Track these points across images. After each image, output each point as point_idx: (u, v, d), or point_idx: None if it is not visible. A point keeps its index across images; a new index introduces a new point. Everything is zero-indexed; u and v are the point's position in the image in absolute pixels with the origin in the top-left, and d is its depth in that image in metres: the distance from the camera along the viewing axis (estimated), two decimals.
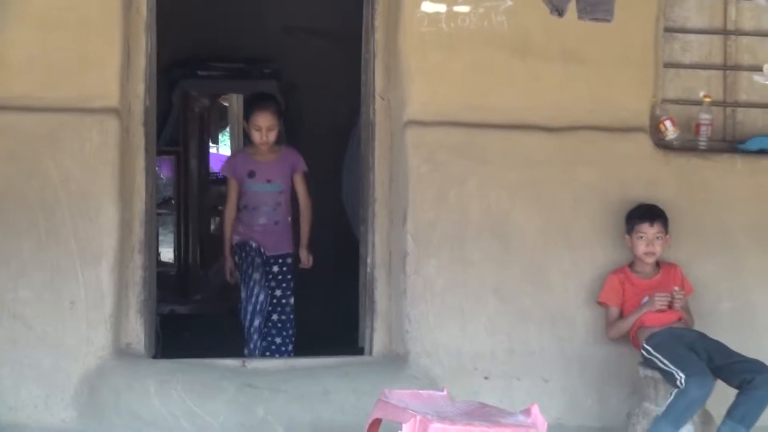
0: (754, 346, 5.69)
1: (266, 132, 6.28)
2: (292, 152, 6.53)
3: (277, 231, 6.43)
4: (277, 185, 6.40)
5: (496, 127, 5.80)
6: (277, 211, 6.42)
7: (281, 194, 6.42)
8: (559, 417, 5.69)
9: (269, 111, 6.32)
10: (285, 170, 6.42)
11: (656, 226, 5.69)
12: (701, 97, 6.17)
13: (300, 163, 6.46)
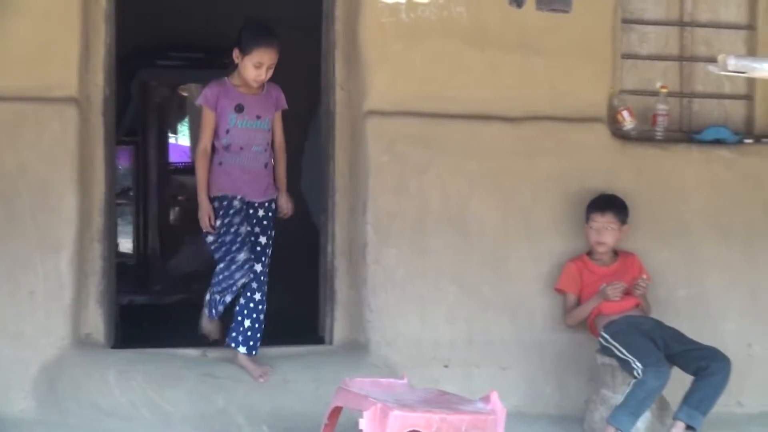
0: (710, 333, 5.77)
1: (266, 70, 5.55)
2: (274, 86, 5.74)
3: (266, 174, 5.68)
4: (266, 122, 5.64)
5: (455, 118, 5.84)
6: (268, 152, 5.67)
7: (269, 133, 5.67)
8: (518, 404, 5.74)
9: (275, 47, 5.55)
10: (270, 105, 5.70)
11: (607, 215, 5.75)
12: (658, 88, 6.24)
13: (282, 98, 5.74)
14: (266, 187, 5.67)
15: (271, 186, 5.69)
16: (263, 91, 5.66)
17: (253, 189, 5.60)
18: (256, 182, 5.61)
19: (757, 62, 3.34)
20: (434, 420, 4.54)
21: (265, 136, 5.62)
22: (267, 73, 5.56)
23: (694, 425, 5.35)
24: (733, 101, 6.47)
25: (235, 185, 5.57)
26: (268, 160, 5.66)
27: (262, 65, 5.53)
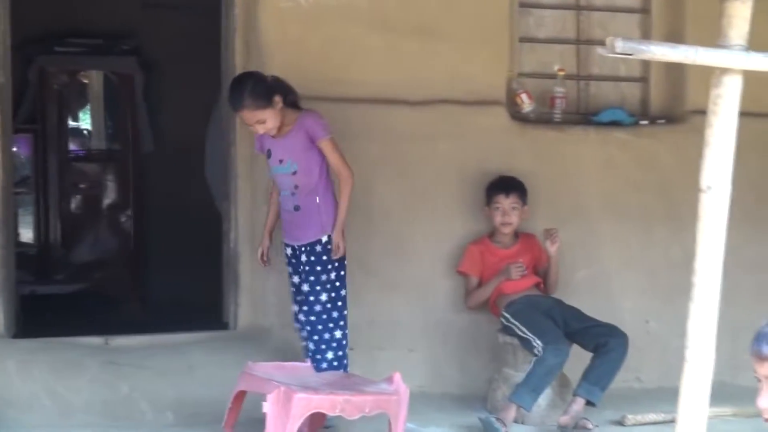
0: (609, 311, 5.88)
1: (257, 125, 5.21)
2: (306, 119, 5.25)
3: (299, 218, 5.29)
4: (288, 166, 5.27)
5: (356, 102, 5.86)
6: (296, 196, 5.27)
7: (295, 176, 5.25)
8: (422, 385, 5.80)
9: (240, 110, 5.23)
10: (298, 144, 5.24)
11: (512, 197, 5.84)
12: (555, 71, 6.34)
13: (316, 129, 5.23)
14: (300, 232, 5.30)
15: (308, 229, 5.28)
16: (291, 129, 5.25)
17: (289, 230, 5.35)
18: (292, 225, 5.33)
19: (644, 45, 3.42)
20: (338, 401, 4.58)
21: (291, 180, 5.26)
22: (259, 127, 5.21)
23: (593, 400, 5.46)
24: (629, 84, 6.60)
25: (284, 230, 5.40)
26: (300, 202, 5.27)
27: (248, 123, 5.26)
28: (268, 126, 5.20)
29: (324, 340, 5.24)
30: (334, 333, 5.25)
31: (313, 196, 5.26)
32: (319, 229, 5.26)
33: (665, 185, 6.25)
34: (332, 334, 5.25)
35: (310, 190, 5.26)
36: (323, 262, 5.25)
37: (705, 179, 3.69)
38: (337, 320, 5.27)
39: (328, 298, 5.25)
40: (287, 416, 4.42)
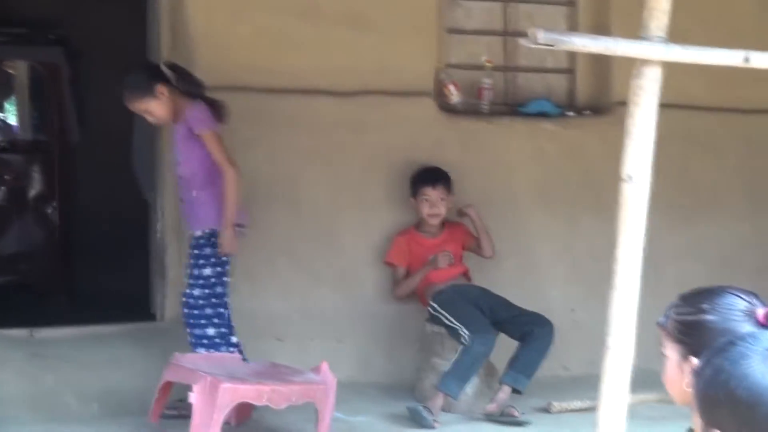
0: (535, 300, 5.94)
1: (147, 115, 5.23)
2: (190, 110, 5.14)
3: (183, 209, 5.33)
4: (175, 155, 5.30)
5: (284, 92, 5.86)
6: (182, 188, 5.29)
7: (179, 167, 5.25)
8: (351, 374, 5.80)
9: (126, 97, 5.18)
10: (180, 135, 5.20)
11: (439, 188, 5.86)
12: (483, 62, 6.38)
13: (196, 121, 5.11)
14: (186, 221, 5.34)
15: (193, 220, 5.23)
16: (181, 120, 5.18)
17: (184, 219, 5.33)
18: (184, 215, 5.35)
19: (565, 36, 3.47)
20: (264, 391, 4.59)
21: (178, 170, 5.27)
22: (147, 117, 5.22)
23: (519, 388, 5.52)
24: (556, 75, 6.66)
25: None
26: (182, 194, 5.28)
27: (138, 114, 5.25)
28: (155, 116, 5.17)
29: (195, 335, 5.16)
30: (206, 330, 5.15)
31: (191, 190, 5.21)
32: (195, 222, 5.19)
33: (591, 176, 6.32)
34: (204, 330, 5.15)
35: (190, 183, 5.21)
36: (197, 257, 5.17)
37: (626, 169, 3.75)
38: (211, 317, 5.16)
39: (201, 294, 5.15)
40: (213, 406, 4.41)
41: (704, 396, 1.72)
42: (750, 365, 1.66)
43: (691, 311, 2.14)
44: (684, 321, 2.14)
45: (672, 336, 2.16)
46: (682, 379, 2.14)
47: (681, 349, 2.14)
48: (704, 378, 1.73)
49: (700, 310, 2.13)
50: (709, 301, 2.15)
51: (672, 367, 2.17)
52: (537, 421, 5.51)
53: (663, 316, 2.21)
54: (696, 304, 2.16)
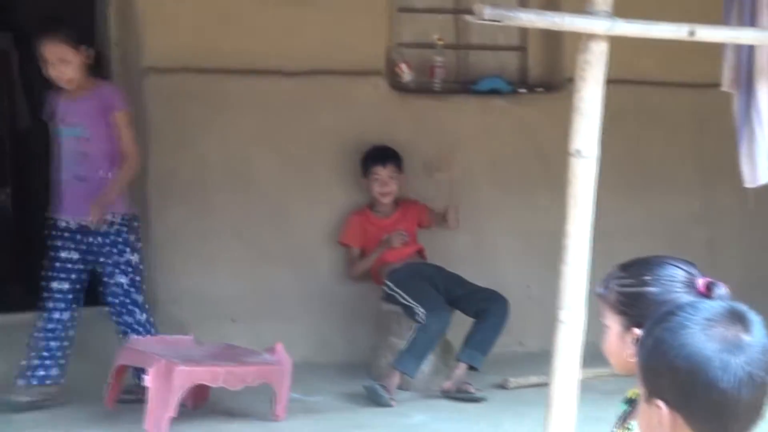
0: (491, 277, 5.96)
1: (59, 65, 4.93)
2: (105, 88, 5.07)
3: (83, 190, 5.01)
4: (79, 130, 5.01)
5: (234, 73, 5.82)
6: (83, 166, 5.03)
7: (87, 143, 5.00)
8: (306, 355, 5.81)
9: (55, 40, 4.92)
10: (92, 110, 4.97)
11: (389, 166, 5.86)
12: (435, 41, 6.37)
13: (115, 99, 5.00)
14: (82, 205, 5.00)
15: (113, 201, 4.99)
16: (86, 96, 4.98)
17: (73, 206, 5.07)
18: (75, 197, 5.07)
19: (511, 12, 3.46)
20: (220, 373, 4.58)
21: (79, 146, 5.00)
22: (60, 68, 4.92)
23: (475, 365, 5.54)
24: (507, 53, 6.67)
25: (60, 202, 5.17)
26: (86, 172, 5.02)
27: (48, 61, 4.93)
28: (68, 72, 4.93)
29: (126, 322, 5.03)
30: (137, 316, 5.05)
31: (97, 169, 5.01)
32: (108, 206, 4.95)
33: (544, 152, 6.34)
34: (135, 317, 5.04)
35: (97, 162, 5.00)
36: (117, 243, 5.00)
37: (574, 144, 3.77)
38: (142, 303, 5.08)
39: (129, 281, 5.02)
40: (169, 389, 4.40)
41: (646, 366, 1.74)
42: (689, 335, 1.68)
43: (633, 283, 2.15)
44: (626, 293, 2.16)
45: (613, 307, 2.17)
46: (623, 349, 2.16)
47: (623, 321, 2.16)
48: (646, 348, 1.75)
49: (643, 282, 2.15)
50: (650, 273, 2.16)
51: (613, 338, 2.19)
52: (493, 398, 5.54)
53: (602, 287, 2.22)
54: (638, 275, 2.17)
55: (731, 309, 1.73)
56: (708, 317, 1.70)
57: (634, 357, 2.09)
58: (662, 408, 1.70)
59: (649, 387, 1.73)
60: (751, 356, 1.67)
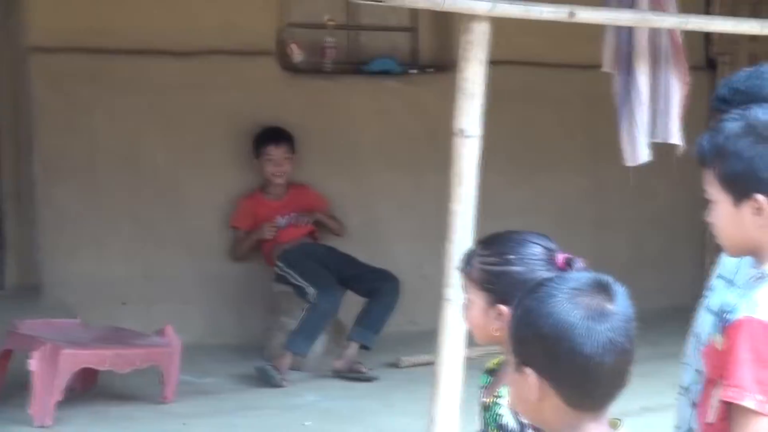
0: (384, 257, 6.00)
1: None
2: None
3: None
4: None
5: (123, 53, 5.75)
6: None
7: None
8: (199, 337, 5.78)
9: None
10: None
11: (282, 147, 5.86)
12: (326, 21, 6.37)
13: None
14: None
15: None
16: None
17: None
18: None
19: None
20: (107, 356, 4.55)
21: None
22: None
23: (367, 344, 5.59)
24: (399, 33, 6.69)
25: None
26: None
27: None
28: None
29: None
30: None
31: None
32: None
33: (435, 132, 6.36)
34: None
35: None
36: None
37: (457, 123, 3.82)
38: None
39: None
40: (54, 373, 4.35)
41: (516, 335, 1.79)
42: (556, 303, 1.73)
43: (497, 261, 2.19)
44: (491, 271, 2.19)
45: (477, 283, 2.21)
46: (488, 323, 2.20)
47: (487, 297, 2.20)
48: (515, 318, 1.80)
49: (507, 261, 2.19)
50: (514, 252, 2.20)
51: (477, 312, 2.23)
52: (386, 376, 5.59)
53: (464, 263, 2.26)
54: (502, 254, 2.20)
55: (596, 280, 1.78)
56: (574, 287, 1.75)
57: (498, 331, 2.14)
58: (531, 375, 1.74)
59: (518, 356, 1.78)
60: (614, 324, 1.72)
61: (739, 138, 2.20)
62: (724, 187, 2.21)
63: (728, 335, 2.17)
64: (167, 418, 4.79)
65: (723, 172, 2.21)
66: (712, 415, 2.23)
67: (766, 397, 2.12)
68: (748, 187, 2.18)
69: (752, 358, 2.12)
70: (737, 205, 2.21)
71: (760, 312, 2.14)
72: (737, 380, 2.13)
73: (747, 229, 2.21)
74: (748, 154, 2.18)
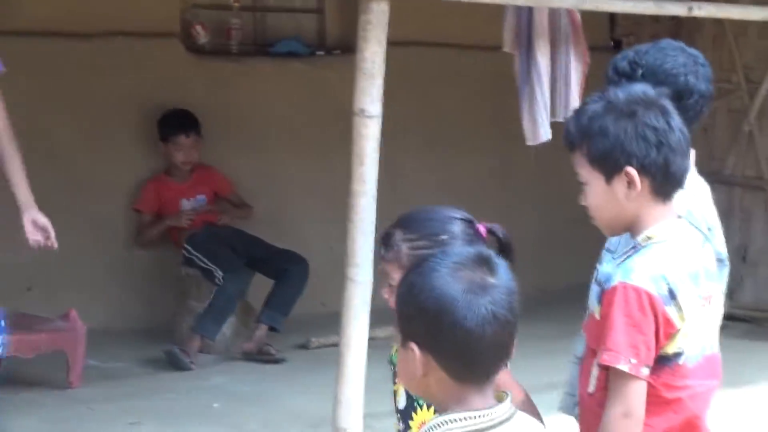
0: (291, 239, 5.99)
1: None
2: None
3: None
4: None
5: (24, 34, 5.65)
6: None
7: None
8: (106, 321, 5.73)
9: None
10: None
11: (192, 135, 5.80)
12: (231, 2, 6.33)
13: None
14: None
15: None
16: None
17: None
18: None
19: None
20: (9, 341, 4.47)
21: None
22: None
23: (276, 326, 5.59)
24: (305, 15, 6.68)
25: None
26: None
27: None
28: None
29: None
30: None
31: None
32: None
33: (341, 114, 6.34)
34: None
35: None
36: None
37: (358, 103, 3.83)
38: None
39: None
40: None
41: (400, 311, 1.80)
42: (438, 277, 1.75)
43: (429, 244, 2.15)
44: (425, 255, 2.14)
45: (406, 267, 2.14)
46: None
47: None
48: (399, 295, 1.81)
49: (441, 242, 2.16)
50: (445, 231, 2.19)
51: None
52: (295, 358, 5.61)
53: (387, 249, 2.22)
54: (433, 236, 2.18)
55: (478, 254, 1.80)
56: (456, 262, 1.77)
57: None
58: (415, 350, 1.76)
59: (403, 331, 1.79)
60: (495, 296, 1.75)
61: (602, 116, 2.26)
62: (594, 166, 2.27)
63: (605, 302, 2.23)
64: (73, 403, 4.75)
65: (592, 151, 2.26)
66: (592, 384, 2.28)
67: (639, 361, 2.18)
68: (619, 161, 2.24)
69: (626, 323, 2.19)
70: (609, 182, 2.27)
71: (635, 277, 2.21)
72: (612, 344, 2.19)
73: (621, 204, 2.27)
74: (614, 130, 2.24)
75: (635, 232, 2.30)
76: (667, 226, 2.29)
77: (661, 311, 2.20)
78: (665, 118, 2.25)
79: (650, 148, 2.23)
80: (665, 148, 2.24)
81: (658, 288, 2.20)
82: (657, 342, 2.20)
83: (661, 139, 2.23)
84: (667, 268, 2.23)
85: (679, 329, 2.22)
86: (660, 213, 2.28)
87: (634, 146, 2.23)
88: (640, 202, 2.26)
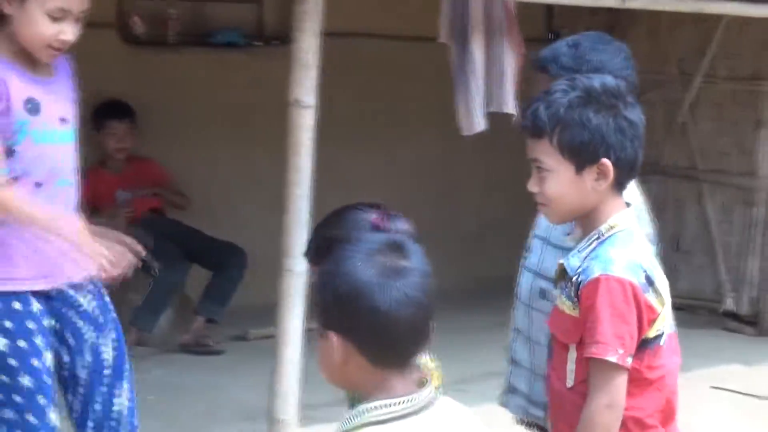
0: (230, 230, 5.97)
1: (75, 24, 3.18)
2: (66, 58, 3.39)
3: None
4: (71, 130, 3.36)
5: None
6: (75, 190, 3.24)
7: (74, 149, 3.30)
8: None
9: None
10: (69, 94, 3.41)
11: (125, 121, 5.77)
12: None
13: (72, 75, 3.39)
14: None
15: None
16: (54, 70, 3.25)
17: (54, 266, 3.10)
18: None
19: None
20: None
21: (71, 157, 3.26)
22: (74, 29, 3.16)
23: (215, 318, 5.58)
24: (243, 6, 6.65)
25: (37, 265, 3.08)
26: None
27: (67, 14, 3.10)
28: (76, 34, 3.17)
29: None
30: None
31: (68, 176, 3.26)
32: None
33: (280, 105, 6.35)
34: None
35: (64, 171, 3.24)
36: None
37: (293, 94, 3.83)
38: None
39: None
40: None
41: (317, 301, 1.81)
42: (352, 264, 1.76)
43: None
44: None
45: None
46: None
47: None
48: (315, 284, 1.82)
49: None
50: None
51: None
52: (234, 349, 5.59)
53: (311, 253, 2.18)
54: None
55: (391, 239, 1.82)
56: (369, 248, 1.79)
57: None
58: (333, 339, 1.77)
59: (321, 322, 1.80)
60: (410, 280, 1.76)
61: (581, 107, 2.27)
62: (566, 155, 2.28)
63: (587, 295, 2.24)
64: None
65: (567, 141, 2.28)
66: (571, 378, 2.30)
67: (625, 351, 2.21)
68: (597, 153, 2.27)
69: (611, 313, 2.22)
70: (579, 172, 2.29)
71: (615, 269, 2.24)
72: (600, 336, 2.22)
73: (587, 194, 2.30)
74: (595, 122, 2.27)
75: (595, 222, 2.33)
76: (625, 215, 2.33)
77: (643, 299, 2.26)
78: (637, 113, 2.30)
79: (626, 141, 2.29)
80: (637, 141, 2.30)
81: (638, 277, 2.25)
82: (641, 329, 2.25)
83: (635, 133, 2.30)
84: (640, 256, 2.29)
85: (660, 313, 2.27)
86: (618, 203, 2.35)
87: (613, 139, 2.27)
88: (603, 192, 2.30)
